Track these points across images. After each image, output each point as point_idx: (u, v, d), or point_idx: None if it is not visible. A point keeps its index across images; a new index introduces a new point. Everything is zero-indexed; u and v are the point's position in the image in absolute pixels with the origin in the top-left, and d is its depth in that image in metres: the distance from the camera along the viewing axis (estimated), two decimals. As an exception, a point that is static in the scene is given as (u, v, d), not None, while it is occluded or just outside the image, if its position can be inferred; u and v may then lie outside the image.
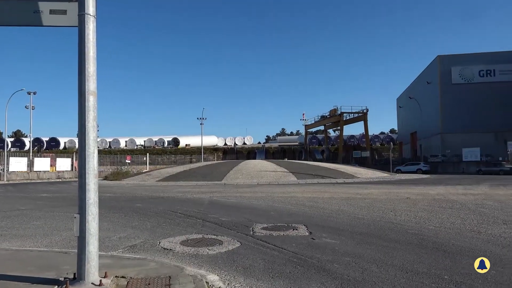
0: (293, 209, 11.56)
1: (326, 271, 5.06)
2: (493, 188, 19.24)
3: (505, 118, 54.68)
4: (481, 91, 56.19)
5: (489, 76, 56.93)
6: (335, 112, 69.33)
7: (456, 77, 57.61)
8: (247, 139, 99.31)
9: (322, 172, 33.19)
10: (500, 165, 40.40)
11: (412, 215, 10.05)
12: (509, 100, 55.45)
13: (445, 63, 58.16)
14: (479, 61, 57.44)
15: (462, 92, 56.67)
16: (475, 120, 55.31)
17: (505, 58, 57.44)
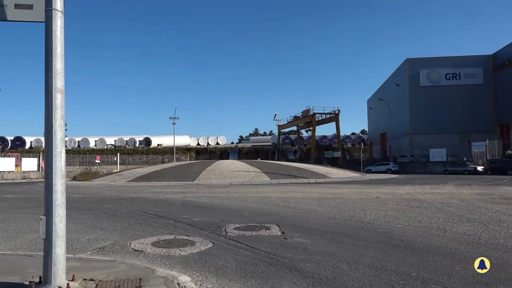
0: (265, 209, 11.60)
1: (298, 270, 5.10)
2: (458, 187, 19.92)
3: (470, 120, 56.87)
4: (448, 94, 58.19)
5: (455, 79, 58.99)
6: (308, 112, 70.11)
7: (424, 80, 59.41)
8: (220, 139, 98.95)
9: (294, 172, 33.48)
10: (465, 165, 41.89)
11: (381, 214, 10.28)
12: (473, 103, 57.67)
13: (413, 66, 59.86)
14: (445, 65, 59.44)
15: (430, 95, 58.51)
16: (442, 121, 57.22)
17: (469, 62, 59.69)
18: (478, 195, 15.19)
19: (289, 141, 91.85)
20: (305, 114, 71.09)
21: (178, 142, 76.68)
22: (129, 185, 27.27)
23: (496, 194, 15.53)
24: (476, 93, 58.21)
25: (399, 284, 4.51)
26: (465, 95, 57.86)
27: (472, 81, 58.66)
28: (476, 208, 11.22)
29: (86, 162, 50.39)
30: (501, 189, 18.58)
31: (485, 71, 58.88)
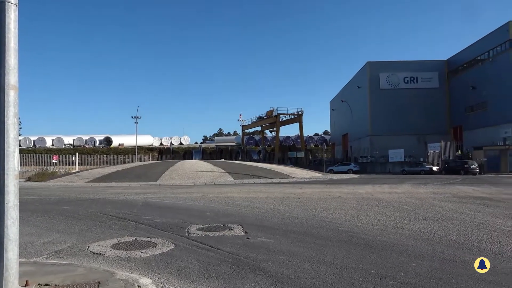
0: (229, 209, 11.58)
1: (260, 270, 5.13)
2: (414, 186, 20.71)
3: (426, 122, 59.31)
4: (406, 97, 60.41)
5: (413, 83, 61.34)
6: (272, 113, 70.66)
7: (384, 82, 61.36)
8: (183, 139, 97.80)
9: (258, 172, 33.63)
10: (421, 165, 43.61)
11: (342, 213, 10.51)
12: (429, 106, 60.18)
13: (374, 69, 61.71)
14: (404, 69, 61.66)
15: (389, 97, 60.52)
16: (400, 123, 59.32)
17: (426, 66, 62.27)
18: (433, 194, 15.86)
19: (253, 142, 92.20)
20: (269, 114, 71.62)
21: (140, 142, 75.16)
22: (88, 186, 26.41)
23: (450, 193, 16.27)
24: (432, 97, 60.81)
25: (359, 281, 4.63)
26: (422, 98, 60.32)
27: (429, 85, 61.26)
28: (431, 207, 11.71)
29: (42, 162, 48.27)
30: (454, 188, 19.48)
31: (440, 75, 61.62)
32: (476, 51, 54.24)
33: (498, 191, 17.23)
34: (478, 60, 53.89)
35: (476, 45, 54.53)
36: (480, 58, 53.41)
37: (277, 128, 71.52)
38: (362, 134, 63.85)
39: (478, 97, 53.14)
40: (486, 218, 9.39)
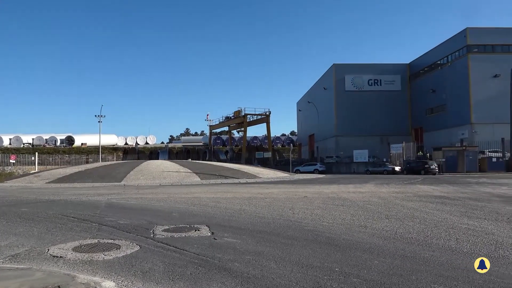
0: (195, 210, 11.48)
1: (227, 270, 5.11)
2: (378, 186, 21.28)
3: (389, 123, 61.17)
4: (370, 98, 62.06)
5: (377, 85, 63.07)
6: (239, 113, 70.65)
7: (349, 84, 62.74)
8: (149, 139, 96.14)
9: (225, 172, 33.53)
10: (384, 165, 44.86)
11: (308, 212, 10.65)
12: (392, 108, 62.09)
13: (339, 71, 62.98)
14: (368, 71, 63.31)
15: (354, 99, 61.96)
16: (365, 124, 60.87)
17: (389, 70, 64.19)
18: (395, 193, 16.35)
19: (221, 142, 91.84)
20: (237, 115, 71.58)
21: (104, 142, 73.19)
22: (49, 186, 25.45)
23: (411, 192, 16.82)
24: (394, 99, 62.77)
25: (323, 279, 4.70)
26: (385, 100, 62.16)
27: (392, 88, 63.19)
28: (393, 206, 12.07)
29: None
30: (415, 187, 20.17)
31: (402, 78, 63.71)
32: (436, 56, 56.47)
33: (456, 190, 17.98)
34: (438, 64, 56.13)
35: (436, 50, 56.78)
36: (439, 63, 55.64)
37: (245, 128, 71.59)
38: (328, 135, 65.01)
39: (438, 100, 55.35)
40: (444, 216, 9.77)
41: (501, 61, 47.08)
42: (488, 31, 49.72)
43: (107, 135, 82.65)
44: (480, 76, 47.80)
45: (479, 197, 14.40)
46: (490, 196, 14.76)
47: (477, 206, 11.69)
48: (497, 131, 44.52)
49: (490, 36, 49.12)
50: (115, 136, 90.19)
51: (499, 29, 50.13)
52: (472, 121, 47.80)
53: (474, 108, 47.74)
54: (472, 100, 47.85)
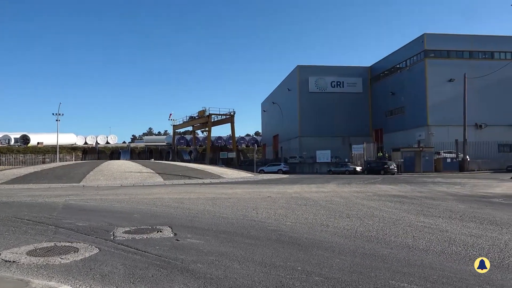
0: (158, 211, 11.29)
1: (189, 272, 5.06)
2: (339, 186, 21.75)
3: (351, 125, 62.71)
4: (333, 100, 63.35)
5: (339, 87, 64.45)
6: (204, 113, 70.12)
7: (313, 86, 63.75)
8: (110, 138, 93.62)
9: (189, 172, 33.19)
10: (346, 166, 45.88)
11: (272, 212, 10.73)
12: (353, 109, 63.68)
13: (303, 72, 63.86)
14: (331, 73, 64.58)
15: (317, 100, 63.02)
16: (327, 125, 62.07)
17: (351, 72, 65.79)
18: (356, 193, 16.78)
19: (185, 142, 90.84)
20: (201, 114, 71.01)
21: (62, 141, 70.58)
22: (1, 188, 24.20)
23: (371, 192, 17.32)
24: (356, 101, 64.41)
25: (286, 278, 4.75)
26: (347, 102, 63.67)
27: (353, 90, 64.80)
28: (354, 205, 12.38)
29: None
30: (375, 187, 20.78)
31: (364, 81, 65.46)
32: (396, 60, 58.42)
33: (413, 189, 18.68)
34: (397, 68, 58.07)
35: (396, 54, 58.75)
36: (399, 66, 57.60)
37: (209, 128, 71.14)
38: (292, 135, 65.77)
39: (397, 103, 57.30)
40: (402, 214, 10.13)
41: (456, 66, 49.35)
42: (444, 37, 51.98)
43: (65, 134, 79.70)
44: (436, 80, 49.90)
45: (435, 196, 15.03)
46: (445, 195, 15.44)
47: (433, 205, 12.20)
48: (451, 133, 46.65)
49: (446, 42, 51.38)
50: (73, 135, 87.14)
51: (454, 35, 52.52)
52: (428, 123, 49.80)
53: (430, 111, 49.76)
54: (428, 103, 49.86)
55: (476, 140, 47.16)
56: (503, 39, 52.09)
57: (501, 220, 9.09)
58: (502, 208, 11.32)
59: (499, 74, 47.87)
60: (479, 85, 47.58)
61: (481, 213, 10.21)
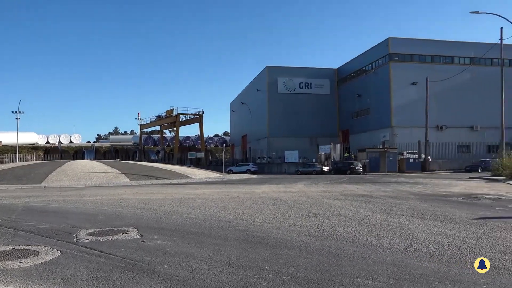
0: (123, 212, 11.04)
1: (156, 273, 4.98)
2: (307, 186, 22.02)
3: (318, 125, 63.67)
4: (301, 101, 64.13)
5: (307, 88, 65.32)
6: (172, 112, 69.28)
7: (281, 87, 64.28)
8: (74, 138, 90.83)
9: (156, 173, 32.68)
10: (313, 166, 46.55)
11: (240, 212, 10.72)
12: (321, 110, 64.69)
13: (272, 73, 64.28)
14: (299, 75, 65.36)
15: (286, 101, 63.60)
16: (295, 126, 62.75)
17: (319, 74, 66.82)
18: (323, 193, 17.04)
19: (152, 141, 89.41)
20: (169, 114, 70.10)
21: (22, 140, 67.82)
22: (-45, 189, 22.96)
23: (337, 192, 17.64)
24: (324, 102, 65.48)
25: (254, 278, 4.76)
26: (315, 103, 64.63)
27: (321, 91, 65.84)
28: (321, 204, 12.57)
29: None
30: (341, 187, 21.18)
31: (331, 82, 66.65)
32: (362, 62, 59.84)
33: (378, 189, 19.17)
34: (363, 70, 59.49)
35: (362, 56, 60.17)
36: (365, 69, 59.03)
37: (177, 128, 70.31)
38: (261, 136, 66.05)
39: (363, 104, 58.70)
40: (367, 213, 10.38)
41: (419, 69, 51.13)
42: (407, 42, 53.72)
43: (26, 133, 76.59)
44: (400, 83, 51.50)
45: (398, 195, 15.49)
46: (408, 194, 15.94)
47: (396, 204, 12.56)
48: (414, 134, 48.26)
49: (410, 46, 53.13)
50: (35, 134, 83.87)
51: (417, 40, 54.37)
52: (392, 125, 51.29)
53: (394, 113, 51.28)
54: (393, 105, 51.37)
55: (437, 141, 49.06)
56: (462, 45, 54.39)
57: (460, 218, 9.49)
58: (460, 207, 11.81)
59: (458, 78, 49.95)
60: (440, 88, 49.50)
61: (441, 212, 10.61)
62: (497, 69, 36.84)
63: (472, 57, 52.92)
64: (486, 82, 50.53)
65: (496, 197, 14.73)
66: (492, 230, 7.87)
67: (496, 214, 10.27)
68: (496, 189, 18.07)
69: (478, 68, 52.69)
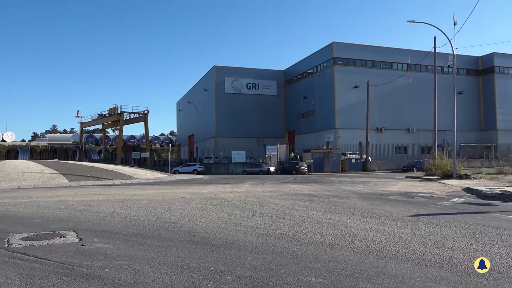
0: (61, 215, 10.48)
1: (96, 278, 4.78)
2: (253, 186, 22.19)
3: (265, 126, 64.45)
4: (248, 102, 64.58)
5: (254, 89, 65.91)
6: (115, 111, 66.86)
7: (229, 87, 64.33)
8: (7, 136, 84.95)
9: (98, 173, 31.37)
10: (260, 166, 47.05)
11: (186, 213, 10.58)
12: (268, 111, 65.55)
13: (220, 73, 64.15)
14: (247, 75, 65.79)
15: (233, 101, 63.75)
16: (243, 126, 63.07)
17: (266, 75, 67.66)
18: (269, 192, 17.25)
19: (94, 140, 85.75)
20: (112, 112, 67.58)
21: None
22: None
23: (283, 191, 17.94)
24: (271, 103, 66.40)
25: (199, 279, 4.72)
26: (262, 104, 65.37)
27: (268, 92, 66.72)
28: (267, 204, 12.72)
29: None
30: (287, 186, 21.57)
31: (278, 84, 67.74)
32: (308, 65, 61.42)
33: (321, 188, 19.75)
34: (309, 73, 61.08)
35: (308, 59, 61.76)
36: (310, 71, 60.63)
37: (120, 127, 67.98)
38: (208, 136, 65.64)
39: (308, 106, 60.27)
40: (311, 212, 10.65)
41: (360, 74, 53.45)
42: (351, 46, 55.93)
43: (-50, 130, 70.37)
44: (343, 86, 53.53)
45: (341, 195, 16.07)
46: (349, 193, 16.58)
47: (339, 203, 13.02)
48: (356, 135, 50.36)
49: (352, 51, 55.36)
50: (-40, 132, 77.31)
51: (359, 45, 56.79)
52: (336, 126, 53.15)
53: (338, 115, 53.18)
54: (336, 107, 53.25)
55: (377, 142, 51.55)
56: (401, 52, 57.60)
57: (396, 215, 10.02)
58: (397, 205, 12.48)
59: (397, 83, 52.86)
60: (380, 92, 52.11)
61: (380, 210, 11.14)
62: (431, 76, 39.44)
63: (409, 64, 56.31)
64: (421, 88, 53.93)
65: (429, 195, 15.74)
66: (425, 226, 8.39)
67: (429, 211, 10.97)
68: (429, 188, 19.29)
69: (414, 74, 56.19)
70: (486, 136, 60.50)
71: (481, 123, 62.62)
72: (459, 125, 30.53)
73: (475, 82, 62.55)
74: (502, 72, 61.39)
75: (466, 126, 56.84)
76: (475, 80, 62.53)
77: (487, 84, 61.91)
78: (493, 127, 60.66)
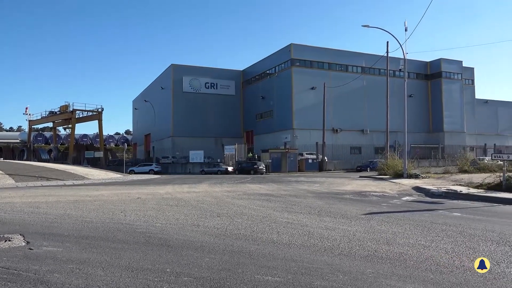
0: (7, 217, 9.91)
1: (44, 283, 4.56)
2: (211, 186, 22.06)
3: (223, 126, 64.31)
4: (206, 101, 64.15)
5: (213, 89, 65.55)
6: (67, 108, 64.05)
7: (187, 86, 63.56)
8: None
9: (48, 173, 29.97)
10: (218, 166, 46.83)
11: (141, 214, 10.34)
12: (226, 111, 65.45)
13: (177, 72, 63.24)
14: (206, 74, 65.30)
15: (191, 100, 63.06)
16: (201, 126, 62.58)
17: (225, 74, 67.52)
18: (227, 192, 17.22)
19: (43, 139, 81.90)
20: (64, 110, 64.71)
21: None
22: None
23: (241, 191, 17.97)
24: (229, 103, 66.32)
25: (154, 281, 4.63)
26: (221, 104, 65.18)
27: (227, 92, 66.61)
28: (225, 204, 12.69)
29: None
30: (245, 186, 21.62)
31: (236, 84, 67.77)
32: (266, 66, 61.88)
33: (279, 188, 19.98)
34: (267, 73, 61.55)
35: (266, 60, 62.22)
36: (269, 72, 61.12)
37: (73, 125, 65.23)
38: (165, 135, 64.53)
39: (266, 106, 60.73)
40: (268, 212, 10.75)
41: (317, 75, 54.60)
42: (308, 48, 56.95)
43: None
44: (301, 87, 54.42)
45: (297, 194, 16.32)
46: (306, 193, 16.88)
47: (296, 202, 13.23)
48: (313, 136, 51.37)
49: (310, 53, 56.41)
50: None
51: (317, 47, 57.92)
52: (294, 127, 53.93)
53: (295, 115, 53.99)
54: (294, 108, 54.05)
55: (333, 143, 52.85)
56: (355, 55, 59.41)
57: (351, 214, 10.33)
58: (352, 203, 12.87)
59: (352, 85, 54.49)
60: (336, 94, 53.52)
61: (335, 208, 11.44)
62: (384, 79, 40.92)
63: (364, 67, 58.24)
64: (375, 90, 55.89)
65: (381, 194, 16.35)
66: (377, 224, 8.71)
67: (381, 210, 11.40)
68: (381, 187, 20.03)
69: (368, 77, 58.19)
70: (434, 137, 63.72)
71: (430, 125, 65.86)
72: (410, 127, 31.94)
73: (424, 86, 65.72)
74: (448, 77, 64.90)
75: (416, 128, 59.51)
76: (424, 84, 65.69)
77: (435, 88, 65.21)
78: (440, 129, 63.98)
